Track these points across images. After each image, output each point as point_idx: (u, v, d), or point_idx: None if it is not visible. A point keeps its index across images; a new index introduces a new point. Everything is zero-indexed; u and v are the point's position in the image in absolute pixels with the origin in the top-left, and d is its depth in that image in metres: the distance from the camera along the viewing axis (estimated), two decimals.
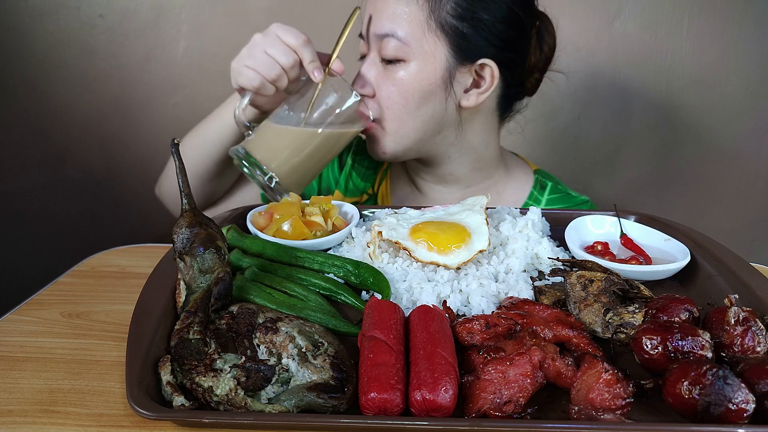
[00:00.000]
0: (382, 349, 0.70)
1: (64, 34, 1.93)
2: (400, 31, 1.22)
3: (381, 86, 1.27)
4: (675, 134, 1.94)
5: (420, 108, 1.28)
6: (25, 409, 0.69)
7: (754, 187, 1.97)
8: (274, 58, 1.20)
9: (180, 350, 0.71)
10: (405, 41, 1.22)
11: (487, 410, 0.65)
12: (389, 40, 1.23)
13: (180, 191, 0.85)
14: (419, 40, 1.23)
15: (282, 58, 1.20)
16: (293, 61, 1.21)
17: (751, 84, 1.85)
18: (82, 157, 2.09)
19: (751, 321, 0.72)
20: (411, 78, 1.25)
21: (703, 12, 1.79)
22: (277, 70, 1.20)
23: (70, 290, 1.00)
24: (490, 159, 1.46)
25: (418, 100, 1.27)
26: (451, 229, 0.99)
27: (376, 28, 1.25)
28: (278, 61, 1.20)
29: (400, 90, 1.26)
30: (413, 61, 1.24)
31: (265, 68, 1.20)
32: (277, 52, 1.20)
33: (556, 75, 1.89)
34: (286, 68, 1.21)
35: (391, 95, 1.26)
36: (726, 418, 0.60)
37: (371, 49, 1.29)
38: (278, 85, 1.23)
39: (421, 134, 1.32)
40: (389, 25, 1.23)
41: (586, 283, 0.86)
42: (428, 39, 1.23)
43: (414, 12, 1.22)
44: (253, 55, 1.21)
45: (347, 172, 1.60)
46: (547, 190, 1.49)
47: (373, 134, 1.33)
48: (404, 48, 1.23)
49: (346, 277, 0.95)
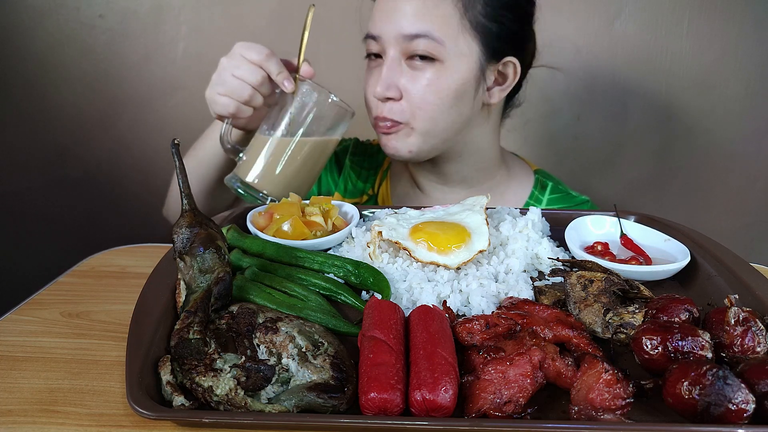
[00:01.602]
0: (382, 349, 0.70)
1: (64, 34, 1.93)
2: (434, 30, 1.21)
3: (410, 88, 1.25)
4: (675, 134, 1.95)
5: (453, 107, 1.28)
6: (25, 408, 0.69)
7: (754, 187, 1.97)
8: (242, 79, 1.20)
9: (180, 350, 0.71)
10: (440, 41, 1.21)
11: (487, 410, 0.65)
12: (421, 41, 1.21)
13: (180, 191, 0.85)
14: (454, 40, 1.23)
15: (250, 77, 1.20)
16: (261, 77, 1.21)
17: (751, 84, 1.85)
18: (82, 157, 2.09)
19: (751, 321, 0.72)
20: (446, 78, 1.24)
21: (703, 12, 1.80)
22: (248, 90, 1.21)
23: (70, 290, 0.99)
24: (494, 159, 1.47)
25: (453, 100, 1.26)
26: (451, 229, 0.99)
27: (402, 28, 1.22)
28: (247, 81, 1.21)
29: (434, 90, 1.24)
30: (448, 60, 1.23)
31: (236, 92, 1.21)
32: (243, 72, 1.20)
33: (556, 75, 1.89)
34: (255, 86, 1.21)
35: (424, 96, 1.25)
36: (726, 418, 0.60)
37: (391, 49, 1.25)
38: (253, 104, 1.24)
39: (450, 133, 1.32)
40: (421, 25, 1.21)
41: (586, 284, 0.86)
42: (463, 38, 1.23)
43: (449, 12, 1.22)
44: (222, 81, 1.22)
45: (346, 174, 1.60)
46: (547, 189, 1.49)
47: (397, 134, 1.31)
48: (439, 48, 1.22)
49: (346, 277, 0.95)
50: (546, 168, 1.63)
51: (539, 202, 1.47)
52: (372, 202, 1.58)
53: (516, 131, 1.97)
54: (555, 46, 1.86)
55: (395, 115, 1.28)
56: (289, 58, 1.27)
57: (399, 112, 1.28)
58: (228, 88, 1.22)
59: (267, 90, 1.24)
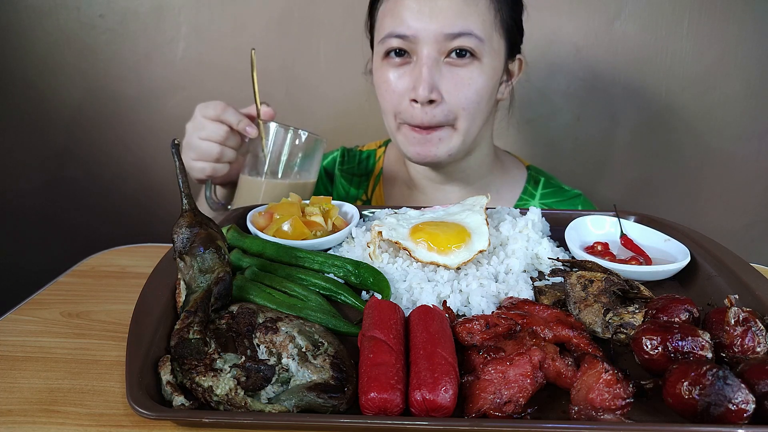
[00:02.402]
0: (382, 349, 0.70)
1: (64, 34, 1.93)
2: (476, 29, 1.21)
3: (452, 88, 1.23)
4: (675, 134, 1.94)
5: (487, 104, 1.30)
6: (24, 408, 0.69)
7: (754, 187, 1.97)
8: (208, 139, 1.24)
9: (180, 350, 0.71)
10: (481, 39, 1.22)
11: (487, 410, 0.65)
12: (465, 39, 1.21)
13: (180, 191, 0.85)
14: (490, 38, 1.24)
15: (213, 135, 1.24)
16: (224, 132, 1.25)
17: (751, 84, 1.85)
18: (82, 157, 2.09)
19: (751, 321, 0.72)
20: (484, 75, 1.25)
21: (703, 12, 1.80)
22: (216, 149, 1.25)
23: (70, 290, 1.00)
24: (490, 155, 1.48)
25: (489, 97, 1.28)
26: (451, 229, 0.99)
27: (445, 27, 1.20)
28: (212, 140, 1.24)
29: (476, 89, 1.24)
30: (485, 57, 1.24)
31: (206, 153, 1.25)
32: (207, 132, 1.24)
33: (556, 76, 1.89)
34: (221, 142, 1.25)
35: (468, 96, 1.24)
36: (726, 418, 0.60)
37: (427, 47, 1.22)
38: (225, 160, 1.27)
39: (481, 130, 1.34)
40: (464, 23, 1.20)
41: (586, 284, 0.86)
42: (495, 37, 1.26)
43: (485, 11, 1.23)
44: (191, 147, 1.26)
45: (338, 183, 1.62)
46: (540, 184, 1.50)
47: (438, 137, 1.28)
48: (480, 45, 1.22)
49: (346, 277, 0.95)
50: (546, 168, 1.63)
51: (532, 197, 1.48)
52: None
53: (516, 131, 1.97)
54: (555, 46, 1.86)
55: (437, 117, 1.25)
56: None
57: (441, 114, 1.25)
58: (198, 151, 1.25)
59: (234, 142, 1.28)
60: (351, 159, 1.64)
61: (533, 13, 1.41)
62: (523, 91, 1.56)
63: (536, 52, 1.48)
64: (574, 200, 1.47)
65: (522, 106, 1.91)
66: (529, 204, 1.47)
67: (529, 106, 1.94)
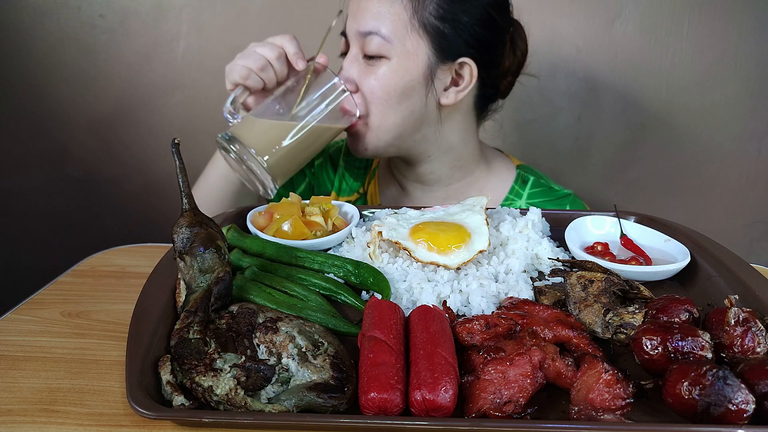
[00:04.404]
0: (382, 349, 0.70)
1: (65, 33, 1.93)
2: (383, 29, 1.26)
3: (363, 81, 1.31)
4: (675, 135, 1.94)
5: (401, 103, 1.31)
6: (24, 408, 0.69)
7: (754, 188, 1.97)
8: (261, 54, 1.30)
9: (180, 350, 0.71)
10: (388, 39, 1.26)
11: (487, 410, 0.65)
12: (372, 38, 1.27)
13: (180, 191, 0.85)
14: (402, 39, 1.27)
15: (268, 53, 1.30)
16: (278, 53, 1.31)
17: (751, 85, 1.85)
18: (82, 157, 2.09)
19: (751, 322, 0.72)
20: (393, 74, 1.28)
21: (703, 13, 1.79)
22: (262, 61, 1.30)
23: (70, 290, 1.00)
24: (470, 157, 1.48)
25: (400, 96, 1.30)
26: (452, 229, 0.99)
27: (359, 26, 1.28)
28: (265, 56, 1.30)
29: (382, 85, 1.29)
30: (395, 58, 1.28)
31: (253, 61, 1.30)
32: (264, 49, 1.31)
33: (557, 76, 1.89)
34: (271, 60, 1.31)
35: (373, 90, 1.30)
36: (726, 418, 0.60)
37: (353, 46, 1.32)
38: (265, 76, 1.31)
39: (401, 130, 1.35)
40: (373, 23, 1.26)
41: (586, 284, 0.86)
42: (411, 38, 1.27)
43: (398, 11, 1.26)
44: (244, 55, 1.32)
45: (341, 173, 1.62)
46: (528, 184, 1.50)
47: (357, 131, 1.36)
48: (387, 45, 1.27)
49: (346, 277, 0.95)
50: (546, 168, 1.63)
51: (519, 196, 1.48)
52: (362, 200, 1.60)
53: (517, 131, 1.97)
54: (555, 46, 1.86)
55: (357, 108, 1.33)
56: None
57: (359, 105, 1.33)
58: (247, 58, 1.31)
59: (281, 67, 1.33)
60: None
61: (533, 13, 1.40)
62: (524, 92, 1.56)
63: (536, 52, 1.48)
64: (562, 200, 1.47)
65: (522, 107, 1.91)
66: (515, 204, 1.47)
67: (529, 107, 1.94)
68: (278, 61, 1.31)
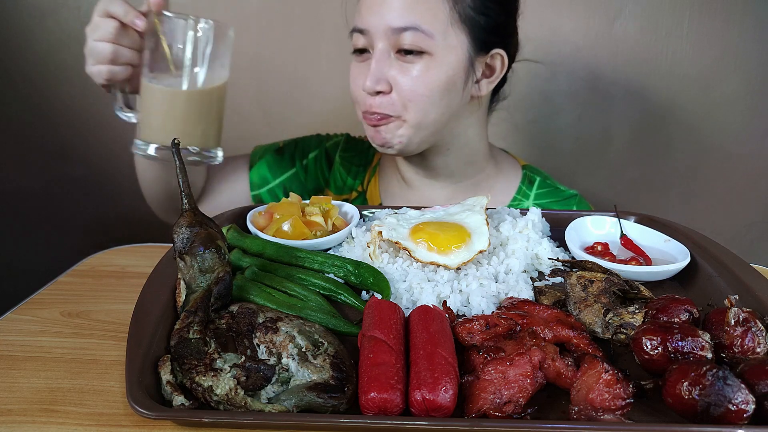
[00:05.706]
0: (382, 349, 0.70)
1: (65, 33, 1.93)
2: (423, 23, 1.21)
3: (400, 81, 1.25)
4: (675, 134, 1.94)
5: (443, 99, 1.28)
6: (24, 408, 0.69)
7: (754, 187, 1.97)
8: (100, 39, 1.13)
9: (180, 350, 0.71)
10: (429, 34, 1.22)
11: (487, 410, 0.65)
12: (411, 33, 1.21)
13: (180, 191, 0.85)
14: (443, 33, 1.23)
15: (105, 34, 1.12)
16: (113, 28, 1.12)
17: (751, 84, 1.85)
18: (82, 157, 2.09)
19: (751, 322, 0.72)
20: (436, 70, 1.24)
21: (703, 12, 1.79)
22: (108, 48, 1.13)
23: (70, 290, 0.99)
24: (482, 153, 1.47)
25: (442, 92, 1.27)
26: (452, 229, 0.99)
27: (389, 21, 1.22)
28: (104, 39, 1.13)
29: (425, 82, 1.25)
30: (437, 53, 1.24)
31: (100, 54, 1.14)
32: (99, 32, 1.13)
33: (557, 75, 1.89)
34: (114, 40, 1.13)
35: (415, 88, 1.25)
36: (726, 418, 0.60)
37: (379, 42, 1.25)
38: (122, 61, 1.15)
39: (440, 125, 1.32)
40: (410, 18, 1.21)
41: (586, 284, 0.86)
42: (452, 31, 1.24)
43: (437, 5, 1.22)
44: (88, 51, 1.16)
45: (336, 170, 1.60)
46: (535, 184, 1.49)
47: (387, 126, 1.31)
48: (428, 41, 1.22)
49: (346, 277, 0.95)
50: (547, 168, 1.62)
51: (526, 197, 1.48)
52: (360, 199, 1.58)
53: (517, 131, 1.97)
54: (555, 45, 1.86)
55: (385, 108, 1.28)
56: None
57: (389, 106, 1.27)
58: (93, 54, 1.15)
59: (129, 40, 1.15)
60: (354, 147, 1.63)
61: (533, 13, 1.40)
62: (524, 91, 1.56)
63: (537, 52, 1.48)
64: (569, 200, 1.47)
65: (522, 106, 1.91)
66: (522, 204, 1.46)
67: (529, 106, 1.94)
68: (121, 37, 1.13)
